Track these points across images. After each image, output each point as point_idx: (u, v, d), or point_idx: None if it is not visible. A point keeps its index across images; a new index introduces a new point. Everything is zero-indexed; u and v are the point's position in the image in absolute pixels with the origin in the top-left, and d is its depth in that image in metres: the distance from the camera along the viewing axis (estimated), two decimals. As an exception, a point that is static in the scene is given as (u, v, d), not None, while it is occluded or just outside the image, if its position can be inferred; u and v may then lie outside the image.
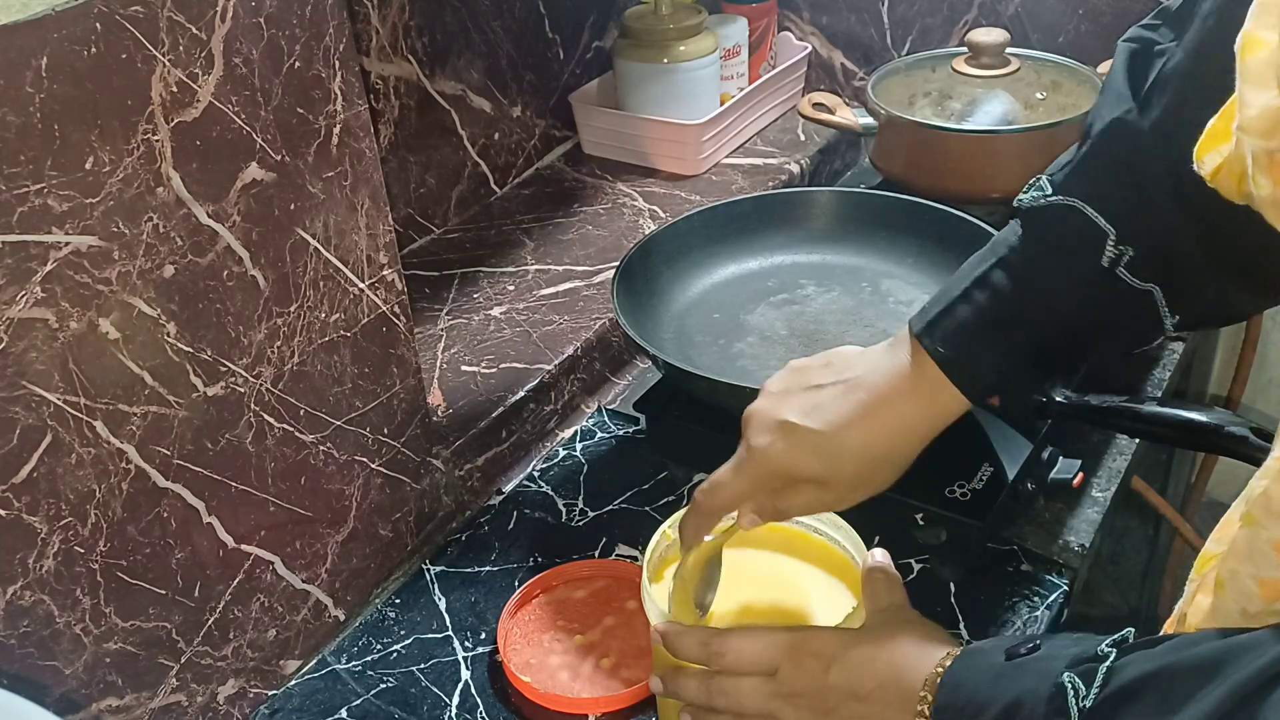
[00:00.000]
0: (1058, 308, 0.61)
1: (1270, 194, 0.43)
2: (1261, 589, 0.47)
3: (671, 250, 1.04)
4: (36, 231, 0.59)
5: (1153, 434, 0.83)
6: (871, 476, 0.65)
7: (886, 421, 0.63)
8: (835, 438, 0.63)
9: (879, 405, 0.63)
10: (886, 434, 0.63)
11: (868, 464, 0.64)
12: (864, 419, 0.63)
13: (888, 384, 0.63)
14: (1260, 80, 0.42)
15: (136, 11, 0.60)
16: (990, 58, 1.20)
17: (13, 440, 0.61)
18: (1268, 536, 0.47)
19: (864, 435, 0.63)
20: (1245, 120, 0.43)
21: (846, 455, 0.63)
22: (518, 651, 0.82)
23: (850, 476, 0.64)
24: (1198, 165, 0.48)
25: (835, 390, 0.64)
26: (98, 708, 0.70)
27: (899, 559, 0.88)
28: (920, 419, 0.63)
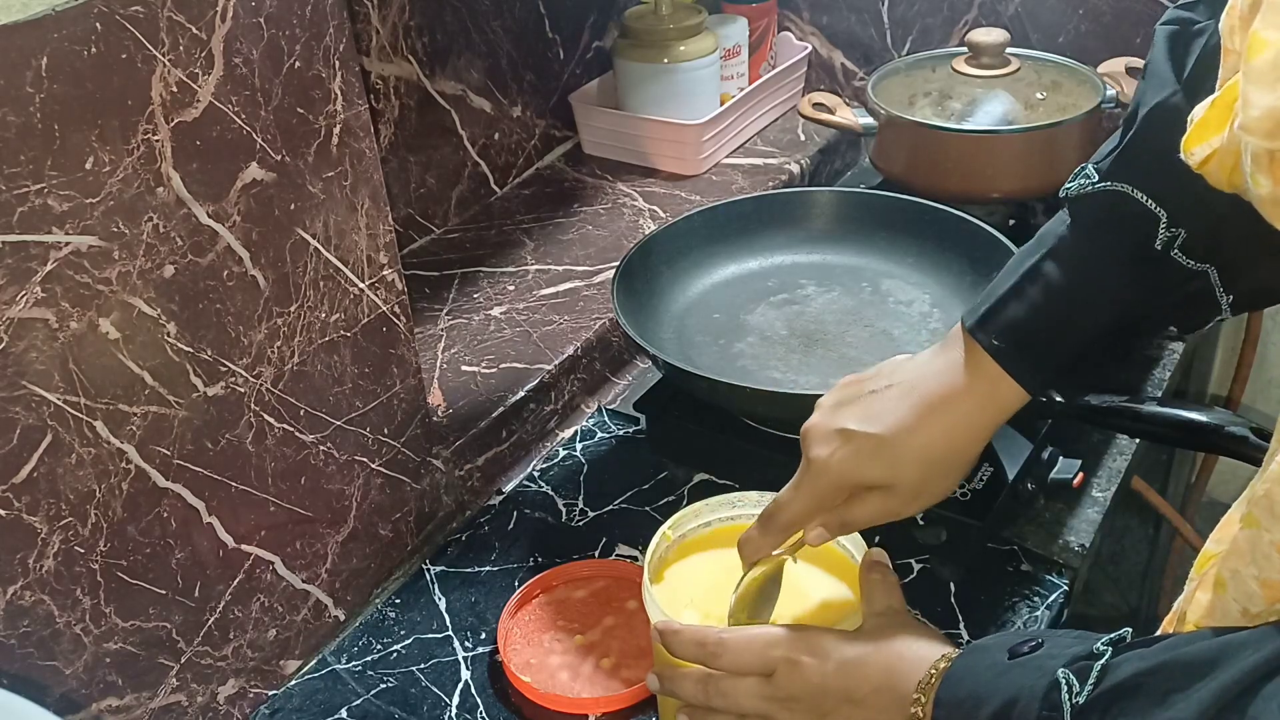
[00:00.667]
0: (1113, 294, 0.60)
1: (1269, 192, 0.43)
2: (1264, 590, 0.47)
3: (671, 250, 1.04)
4: (36, 231, 0.59)
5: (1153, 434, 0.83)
6: (935, 478, 0.64)
7: (946, 420, 0.62)
8: (895, 441, 0.63)
9: (937, 405, 0.63)
10: (946, 433, 0.63)
11: (930, 465, 0.63)
12: (923, 419, 0.63)
13: (944, 383, 0.63)
14: (1265, 81, 0.42)
15: (136, 11, 0.60)
16: (990, 58, 1.20)
17: (13, 440, 0.61)
18: (1270, 539, 0.47)
19: (925, 436, 0.63)
20: (1248, 120, 0.42)
21: (908, 458, 0.63)
22: (518, 651, 0.82)
23: (914, 480, 0.64)
24: (1185, 155, 0.48)
25: (891, 394, 0.64)
26: (98, 708, 0.70)
27: (899, 559, 0.88)
28: (980, 415, 0.63)
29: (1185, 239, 0.57)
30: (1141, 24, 1.25)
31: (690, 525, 0.75)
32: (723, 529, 0.75)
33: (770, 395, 0.86)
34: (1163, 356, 1.09)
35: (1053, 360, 0.62)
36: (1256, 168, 0.43)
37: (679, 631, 0.66)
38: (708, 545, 0.74)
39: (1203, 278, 0.58)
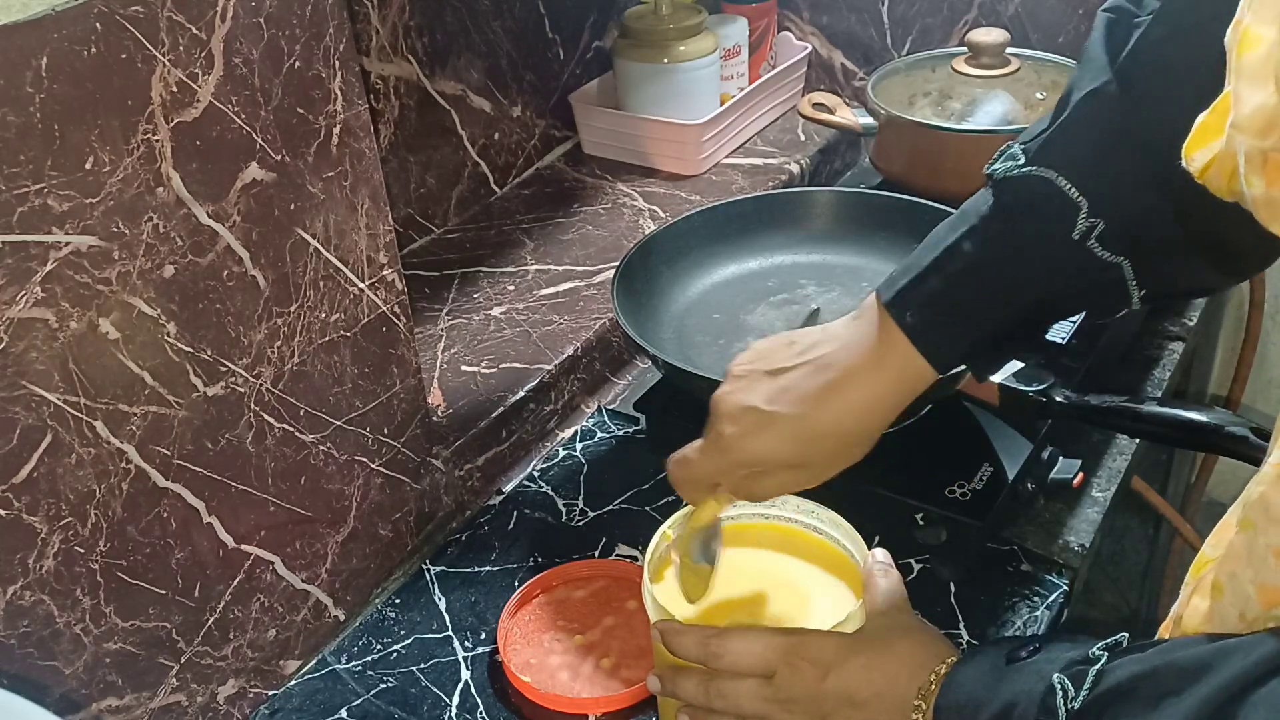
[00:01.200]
0: (1027, 278, 0.60)
1: (1263, 193, 0.42)
2: (1260, 594, 0.47)
3: (671, 250, 1.04)
4: (36, 231, 0.59)
5: (1153, 434, 0.84)
6: (844, 452, 0.64)
7: (857, 397, 0.62)
8: (806, 420, 0.62)
9: (848, 381, 0.62)
10: (857, 410, 0.62)
11: (840, 441, 0.63)
12: (833, 397, 0.62)
13: (856, 358, 0.62)
14: (1256, 77, 0.41)
15: (136, 11, 0.60)
16: (990, 58, 1.20)
17: (13, 440, 0.61)
18: (1266, 542, 0.47)
19: (835, 414, 0.62)
20: (1239, 118, 0.42)
21: (819, 436, 0.62)
22: (518, 651, 0.82)
23: (824, 456, 0.64)
24: (1186, 162, 0.47)
25: (802, 371, 0.63)
26: (98, 708, 0.70)
27: (899, 559, 0.88)
28: (891, 391, 0.62)
29: (1103, 230, 0.57)
30: (1141, 24, 1.25)
31: None
32: (722, 528, 0.74)
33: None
34: (1163, 356, 1.09)
35: (965, 339, 0.61)
36: (1250, 168, 0.42)
37: (680, 632, 0.66)
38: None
39: (1116, 269, 0.58)
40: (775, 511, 0.75)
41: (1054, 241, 0.58)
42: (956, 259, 0.61)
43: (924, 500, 0.84)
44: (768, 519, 0.75)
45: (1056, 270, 0.59)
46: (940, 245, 0.62)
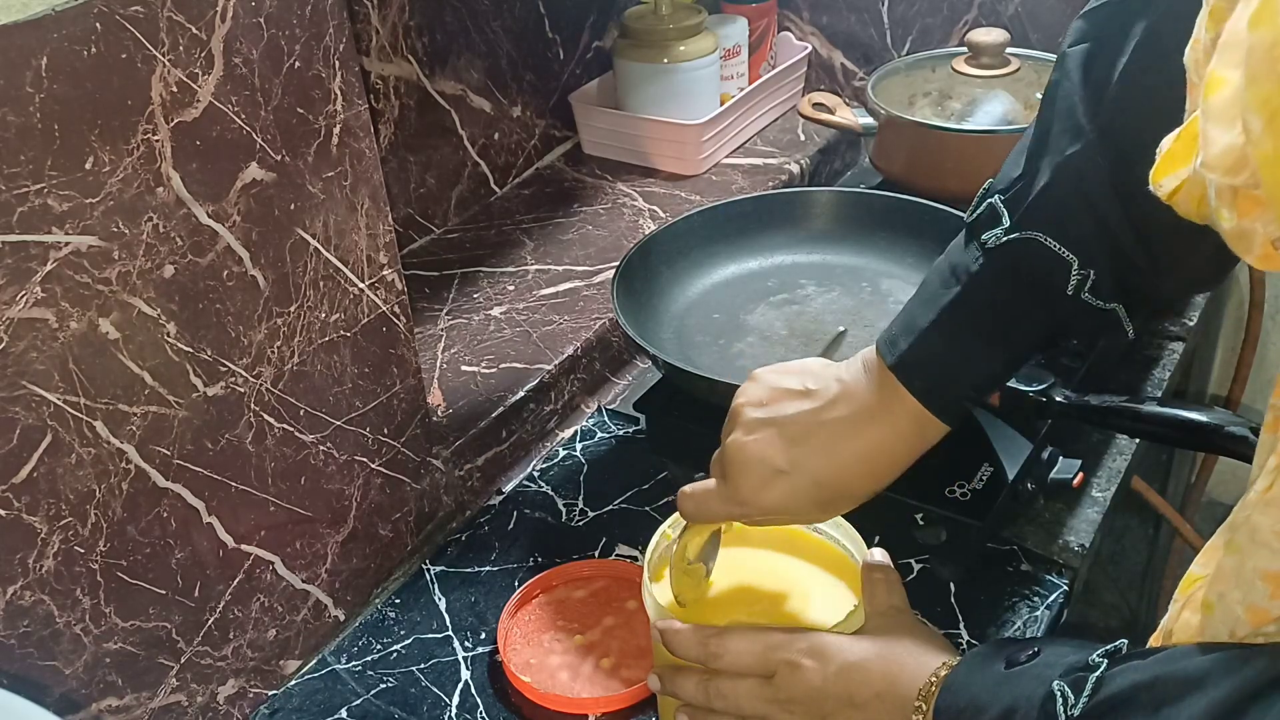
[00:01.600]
0: (1025, 330, 0.62)
1: (1234, 225, 0.43)
2: (1249, 615, 0.48)
3: (671, 250, 1.04)
4: (36, 231, 0.59)
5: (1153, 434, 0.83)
6: (858, 500, 0.66)
7: (874, 458, 0.64)
8: (824, 480, 0.64)
9: (866, 446, 0.64)
10: (874, 470, 0.64)
11: (856, 497, 0.65)
12: (852, 461, 0.64)
13: (872, 423, 0.63)
14: (1224, 119, 0.42)
15: (136, 11, 0.60)
16: (990, 58, 1.20)
17: (13, 440, 0.61)
18: (1253, 565, 0.47)
19: (853, 474, 0.64)
20: (1210, 158, 0.43)
21: (837, 495, 0.65)
22: (518, 651, 0.82)
23: (838, 506, 0.66)
24: (1155, 186, 0.48)
25: (822, 437, 0.64)
26: (98, 708, 0.70)
27: (899, 559, 0.88)
28: (906, 450, 0.64)
29: (1095, 280, 0.59)
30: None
31: None
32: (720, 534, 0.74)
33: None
34: (1163, 356, 1.09)
35: (972, 390, 0.63)
36: (1220, 202, 0.43)
37: (680, 631, 0.66)
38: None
39: (1112, 314, 0.60)
40: None
41: (1050, 297, 0.60)
42: (955, 318, 0.62)
43: (924, 500, 0.84)
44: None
45: (1056, 322, 0.61)
46: (936, 305, 0.63)
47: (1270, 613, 0.48)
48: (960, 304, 0.62)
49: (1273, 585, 0.47)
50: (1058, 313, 0.61)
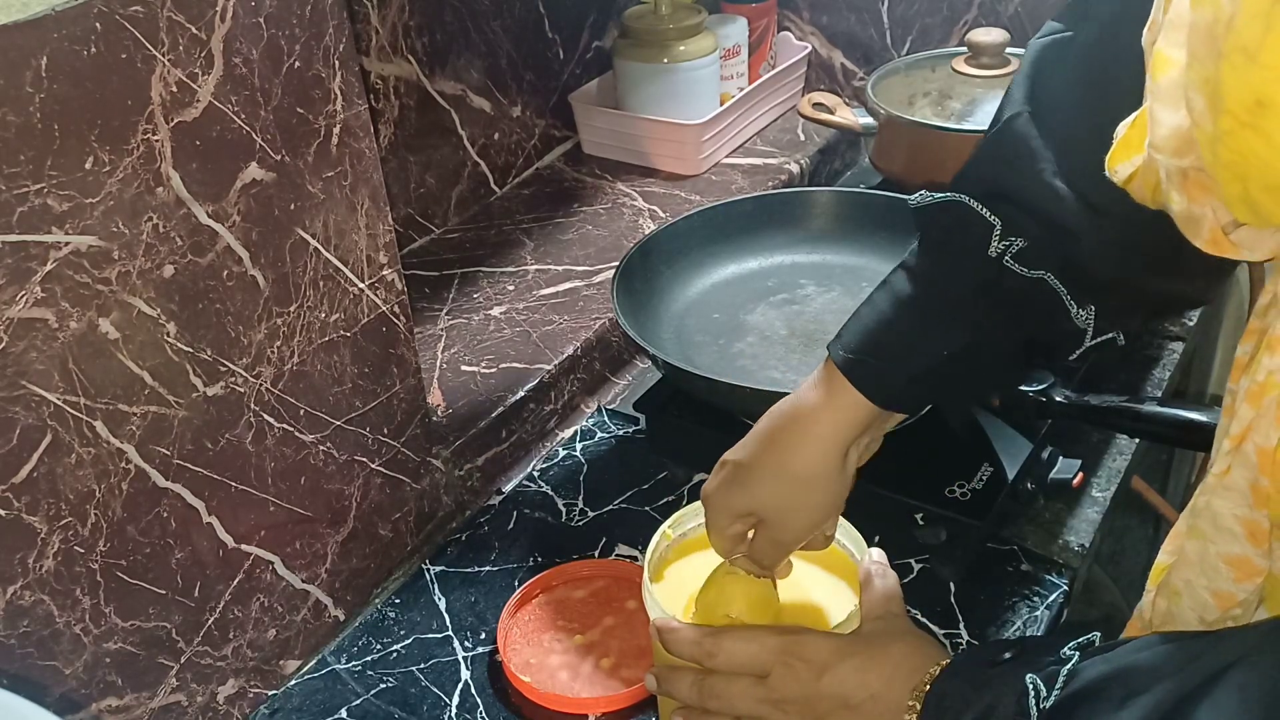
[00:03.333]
0: (959, 307, 0.61)
1: (1183, 209, 0.43)
2: (1216, 600, 0.49)
3: (671, 250, 1.04)
4: (36, 231, 0.59)
5: (1153, 434, 0.83)
6: (799, 497, 0.65)
7: (797, 437, 0.64)
8: (753, 464, 0.65)
9: (789, 423, 0.65)
10: (798, 449, 0.64)
11: (812, 479, 0.65)
12: (776, 439, 0.65)
13: (800, 400, 0.65)
14: (1170, 100, 0.42)
15: (136, 11, 0.60)
16: (990, 58, 1.20)
17: (13, 440, 0.61)
18: (1216, 550, 0.48)
19: (799, 453, 0.64)
20: (1157, 139, 0.43)
21: (790, 476, 0.64)
22: (518, 651, 0.82)
23: (777, 502, 0.65)
24: (1110, 172, 0.48)
25: (765, 421, 0.66)
26: (98, 708, 0.70)
27: (899, 559, 0.88)
28: (830, 429, 0.64)
29: (1023, 248, 0.58)
30: (1141, 24, 1.25)
31: (690, 524, 0.75)
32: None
33: (770, 395, 0.86)
34: (1163, 356, 1.09)
35: (901, 373, 0.62)
36: (1170, 184, 0.43)
37: (676, 630, 0.66)
38: (708, 544, 0.74)
39: (1043, 286, 0.59)
40: None
41: (975, 263, 0.59)
42: (887, 292, 0.63)
43: (924, 500, 0.84)
44: None
45: (983, 294, 0.60)
46: (877, 286, 0.64)
47: (1235, 596, 0.48)
48: (893, 277, 0.63)
49: (1235, 569, 0.48)
50: (986, 284, 0.60)
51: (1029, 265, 0.59)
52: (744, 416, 0.93)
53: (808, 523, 0.66)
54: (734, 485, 0.66)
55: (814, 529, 0.67)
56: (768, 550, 0.67)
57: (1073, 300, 0.59)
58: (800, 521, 0.66)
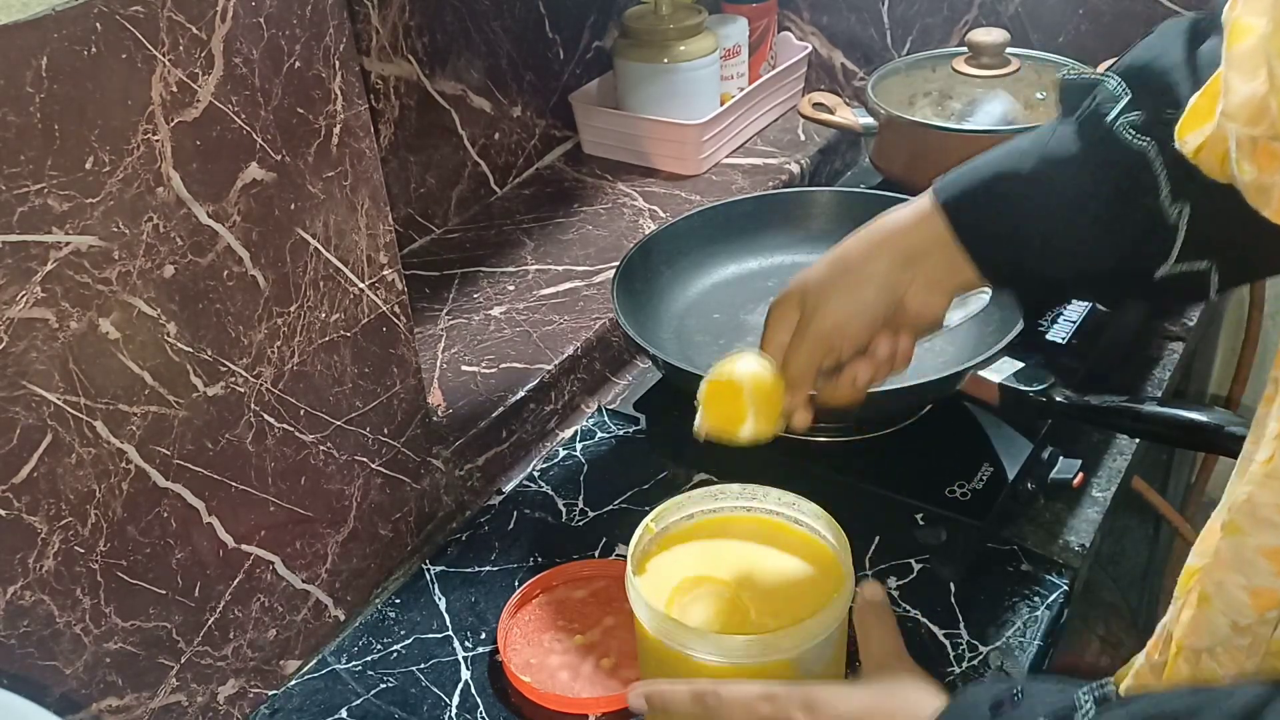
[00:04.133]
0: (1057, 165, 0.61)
1: (1253, 178, 0.43)
2: (1253, 599, 0.47)
3: (671, 250, 1.04)
4: (36, 231, 0.59)
5: (1153, 434, 0.84)
6: (847, 283, 0.67)
7: (868, 234, 0.67)
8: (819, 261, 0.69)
9: (867, 228, 0.68)
10: (863, 241, 0.67)
11: (841, 269, 0.67)
12: (848, 240, 0.68)
13: (888, 214, 0.68)
14: (1246, 68, 0.42)
15: (136, 11, 0.60)
16: (990, 58, 1.20)
17: (13, 440, 0.61)
18: (1255, 543, 0.46)
19: (842, 247, 0.68)
20: (1230, 106, 0.43)
21: (822, 264, 0.68)
22: (518, 651, 0.82)
23: (823, 281, 0.68)
24: (1180, 143, 0.48)
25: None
26: (98, 708, 0.70)
27: (899, 559, 0.88)
28: (902, 238, 0.66)
29: (1135, 118, 0.58)
30: (1141, 24, 1.25)
31: (673, 518, 0.75)
32: (705, 521, 0.75)
33: (770, 395, 0.86)
34: (1163, 356, 1.09)
35: (990, 220, 0.63)
36: (1241, 154, 0.43)
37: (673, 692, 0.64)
38: (690, 537, 0.74)
39: (1143, 160, 0.58)
40: (757, 504, 0.75)
41: (1089, 126, 0.60)
42: (1004, 148, 0.64)
43: (924, 500, 0.84)
44: (750, 511, 0.75)
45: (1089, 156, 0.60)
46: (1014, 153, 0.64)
47: (1276, 593, 0.46)
48: (1016, 140, 0.63)
49: (1276, 562, 0.46)
50: (1095, 140, 0.60)
51: (1137, 132, 0.58)
52: (744, 416, 0.94)
53: (847, 316, 0.66)
54: (794, 281, 0.69)
55: (852, 333, 0.67)
56: (802, 348, 0.68)
57: (1168, 182, 0.57)
58: (841, 312, 0.66)
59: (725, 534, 0.75)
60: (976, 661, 0.79)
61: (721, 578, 0.71)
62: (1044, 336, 1.00)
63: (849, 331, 0.67)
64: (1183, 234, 0.58)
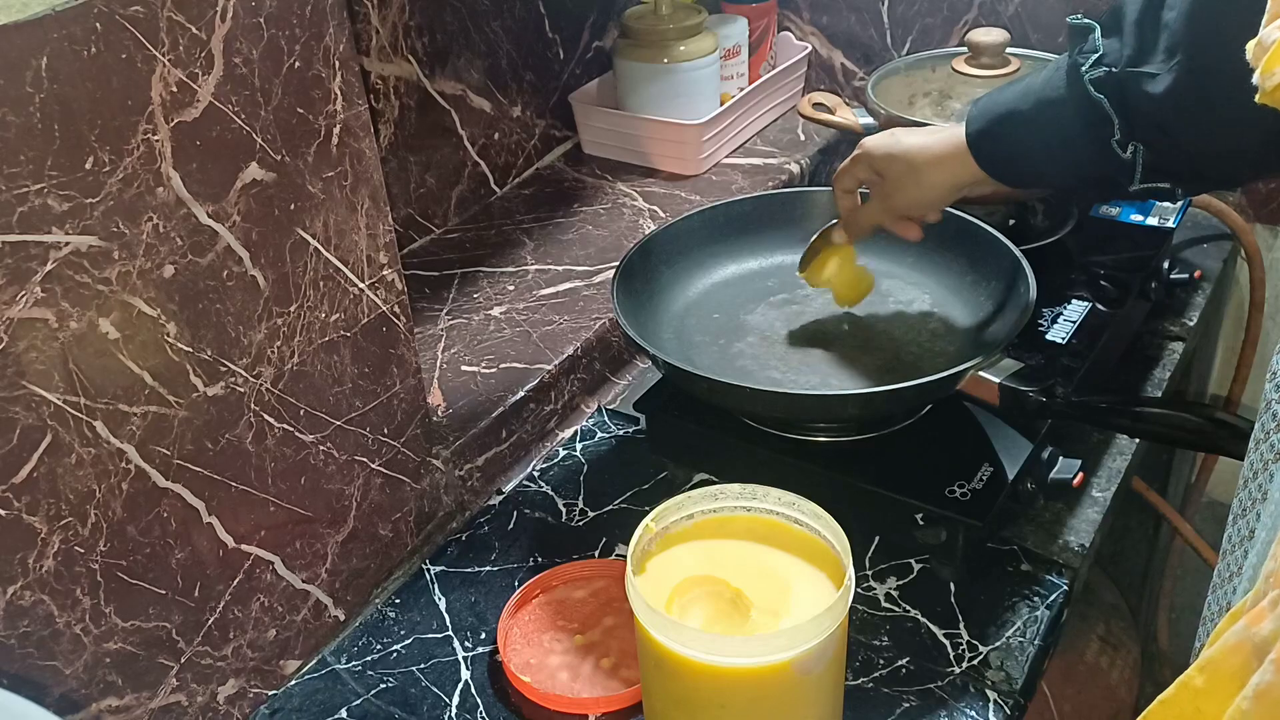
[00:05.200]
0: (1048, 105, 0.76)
1: None
2: None
3: (671, 250, 1.04)
4: (36, 231, 0.59)
5: (1153, 434, 0.84)
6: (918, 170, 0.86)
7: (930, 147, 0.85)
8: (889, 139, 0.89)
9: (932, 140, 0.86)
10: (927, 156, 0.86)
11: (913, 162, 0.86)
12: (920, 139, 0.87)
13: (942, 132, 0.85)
14: None
15: (136, 11, 0.60)
16: (990, 58, 1.20)
17: (13, 440, 0.61)
18: None
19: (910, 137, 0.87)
20: None
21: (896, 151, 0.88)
22: (518, 651, 0.82)
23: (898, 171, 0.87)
24: (1266, 76, 0.48)
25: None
26: (98, 708, 0.70)
27: (899, 559, 0.88)
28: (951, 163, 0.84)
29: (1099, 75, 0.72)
30: (1141, 24, 1.25)
31: (673, 517, 0.75)
32: (705, 521, 0.75)
33: (770, 395, 0.86)
34: (1163, 356, 1.09)
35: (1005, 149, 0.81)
36: None
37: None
38: (690, 537, 0.74)
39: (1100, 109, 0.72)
40: (757, 504, 0.75)
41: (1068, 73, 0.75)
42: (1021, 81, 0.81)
43: (924, 500, 0.84)
44: (750, 511, 0.75)
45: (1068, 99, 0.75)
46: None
47: None
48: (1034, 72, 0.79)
49: None
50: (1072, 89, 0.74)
51: (1096, 86, 0.72)
52: (744, 417, 0.94)
53: (908, 206, 0.90)
54: (862, 160, 0.90)
55: (920, 207, 0.90)
56: (872, 212, 0.92)
57: (1121, 129, 0.72)
58: (907, 202, 0.89)
59: (725, 534, 0.75)
60: (976, 661, 0.79)
61: (721, 578, 0.71)
62: (1044, 336, 1.00)
63: (909, 213, 0.91)
64: (1140, 166, 0.73)
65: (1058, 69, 0.76)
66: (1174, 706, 0.48)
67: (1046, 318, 1.02)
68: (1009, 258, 0.95)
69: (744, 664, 0.65)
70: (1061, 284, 1.06)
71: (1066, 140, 0.76)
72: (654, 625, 0.67)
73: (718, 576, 0.71)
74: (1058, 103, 0.75)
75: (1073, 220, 1.16)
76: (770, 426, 0.92)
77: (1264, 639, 0.44)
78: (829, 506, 0.71)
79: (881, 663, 0.80)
